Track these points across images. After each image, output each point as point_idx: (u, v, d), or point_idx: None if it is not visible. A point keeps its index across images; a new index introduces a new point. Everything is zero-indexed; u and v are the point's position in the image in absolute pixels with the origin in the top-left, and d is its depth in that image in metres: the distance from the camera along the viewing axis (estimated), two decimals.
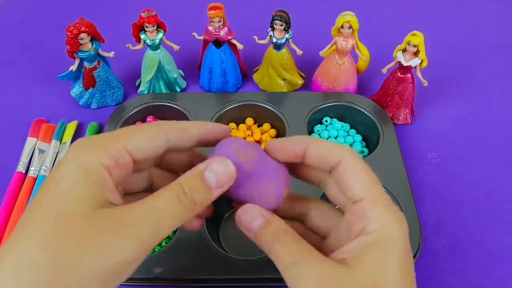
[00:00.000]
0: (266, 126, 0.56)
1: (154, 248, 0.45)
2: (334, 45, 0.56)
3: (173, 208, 0.22)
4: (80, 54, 0.54)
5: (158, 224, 0.22)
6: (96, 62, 0.56)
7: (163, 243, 0.45)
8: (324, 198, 0.30)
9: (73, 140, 0.55)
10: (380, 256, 0.22)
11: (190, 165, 0.25)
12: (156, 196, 0.22)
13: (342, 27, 0.53)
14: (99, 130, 0.57)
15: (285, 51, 0.58)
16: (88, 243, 0.20)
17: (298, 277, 0.22)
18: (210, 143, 0.27)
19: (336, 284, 0.21)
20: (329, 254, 0.24)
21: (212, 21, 0.55)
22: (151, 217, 0.21)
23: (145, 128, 0.25)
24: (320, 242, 0.27)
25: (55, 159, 0.53)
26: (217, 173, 0.23)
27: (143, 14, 0.54)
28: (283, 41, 0.56)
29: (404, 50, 0.53)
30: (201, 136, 0.26)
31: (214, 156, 0.25)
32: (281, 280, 0.23)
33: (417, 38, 0.51)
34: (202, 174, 0.23)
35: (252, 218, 0.24)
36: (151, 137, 0.24)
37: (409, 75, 0.54)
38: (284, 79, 0.61)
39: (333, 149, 0.25)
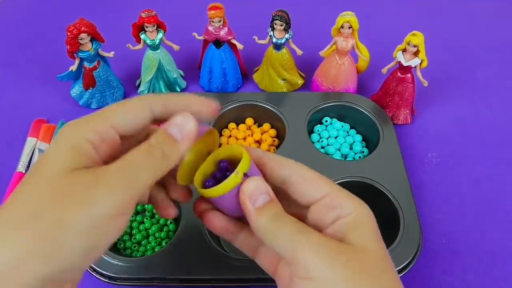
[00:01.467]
0: (266, 126, 0.56)
1: (154, 248, 0.45)
2: (334, 45, 0.56)
3: (145, 159, 0.23)
4: (80, 54, 0.54)
5: (133, 174, 0.23)
6: (96, 62, 0.56)
7: (163, 243, 0.45)
8: None
9: None
10: (364, 231, 0.25)
11: None
12: (128, 153, 0.24)
13: (342, 27, 0.53)
14: None
15: (285, 51, 0.58)
16: (66, 200, 0.21)
17: (298, 249, 0.23)
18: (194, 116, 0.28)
19: (337, 253, 0.23)
20: None
21: (212, 21, 0.55)
22: (125, 169, 0.23)
23: (128, 102, 0.26)
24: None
25: None
26: (179, 125, 0.25)
27: (143, 14, 0.54)
28: (283, 41, 0.56)
29: (404, 50, 0.53)
30: (185, 108, 0.27)
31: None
32: None
33: (417, 38, 0.51)
34: (167, 129, 0.25)
35: (260, 192, 0.25)
36: (135, 110, 0.25)
37: (409, 75, 0.54)
38: (284, 79, 0.61)
39: (283, 163, 0.28)
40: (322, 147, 0.54)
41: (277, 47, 0.57)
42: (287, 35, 0.55)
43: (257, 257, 0.29)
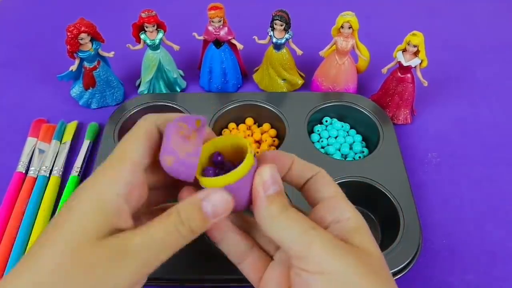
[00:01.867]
0: (266, 126, 0.56)
1: None
2: (334, 45, 0.56)
3: (170, 237, 0.24)
4: (80, 54, 0.54)
5: (154, 254, 0.23)
6: (96, 62, 0.56)
7: None
8: None
9: (73, 140, 0.55)
10: (365, 235, 0.26)
11: None
12: (156, 225, 0.24)
13: (342, 27, 0.53)
14: (99, 130, 0.57)
15: (285, 51, 0.58)
16: (89, 272, 0.22)
17: (312, 244, 0.24)
18: None
19: (348, 251, 0.24)
20: None
21: (212, 21, 0.55)
22: (149, 247, 0.23)
23: (137, 130, 0.26)
24: None
25: (55, 159, 0.53)
26: (214, 204, 0.24)
27: (143, 14, 0.54)
28: (283, 41, 0.56)
29: (404, 50, 0.53)
30: None
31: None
32: None
33: (417, 38, 0.51)
34: (200, 204, 0.24)
35: (274, 181, 0.26)
36: (148, 134, 0.26)
37: (409, 75, 0.54)
38: (284, 79, 0.61)
39: (311, 165, 0.29)
40: (322, 147, 0.54)
41: (277, 47, 0.57)
42: (287, 35, 0.55)
43: (244, 262, 0.29)
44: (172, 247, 0.24)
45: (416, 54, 0.52)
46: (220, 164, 0.27)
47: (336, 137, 0.55)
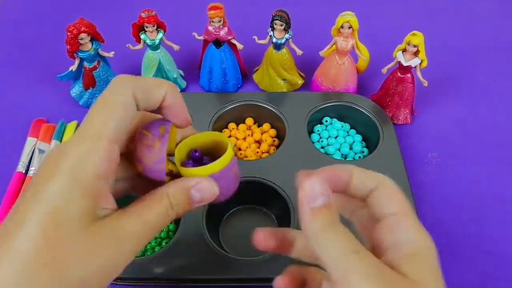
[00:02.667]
0: (266, 126, 0.56)
1: (154, 248, 0.45)
2: (334, 45, 0.56)
3: (162, 221, 0.24)
4: (80, 54, 0.54)
5: (148, 237, 0.24)
6: (96, 62, 0.56)
7: (163, 243, 0.45)
8: None
9: None
10: (423, 264, 0.23)
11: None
12: (148, 210, 0.24)
13: (342, 27, 0.53)
14: None
15: (285, 51, 0.58)
16: (86, 263, 0.21)
17: (350, 271, 0.21)
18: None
19: (390, 283, 0.21)
20: None
21: (212, 21, 0.55)
22: (145, 231, 0.23)
23: (110, 103, 0.24)
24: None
25: None
26: (203, 193, 0.25)
27: (143, 14, 0.54)
28: (283, 41, 0.56)
29: (404, 50, 0.53)
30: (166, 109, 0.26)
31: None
32: None
33: (417, 38, 0.51)
34: (190, 191, 0.25)
35: (320, 192, 0.24)
36: (126, 117, 0.24)
37: (409, 75, 0.54)
38: (284, 79, 0.61)
39: (373, 174, 0.26)
40: (322, 147, 0.54)
41: (277, 47, 0.57)
42: (287, 35, 0.55)
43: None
44: (161, 229, 0.24)
45: (416, 54, 0.52)
46: (198, 159, 0.28)
47: (336, 137, 0.55)
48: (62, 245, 0.21)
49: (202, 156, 0.28)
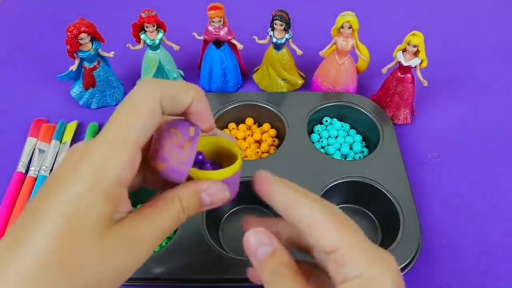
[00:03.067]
0: (266, 126, 0.56)
1: None
2: (334, 45, 0.56)
3: (174, 224, 0.25)
4: (80, 54, 0.54)
5: (161, 239, 0.24)
6: (96, 62, 0.56)
7: (163, 243, 0.45)
8: None
9: (73, 140, 0.55)
10: None
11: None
12: (161, 213, 0.24)
13: (342, 27, 0.53)
14: (99, 130, 0.57)
15: (285, 51, 0.58)
16: (103, 265, 0.21)
17: None
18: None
19: None
20: None
21: (212, 21, 0.55)
22: (157, 236, 0.24)
23: (137, 109, 0.23)
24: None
25: (55, 159, 0.53)
26: (213, 197, 0.26)
27: (143, 14, 0.54)
28: (283, 41, 0.56)
29: (404, 50, 0.53)
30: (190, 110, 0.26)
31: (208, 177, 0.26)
32: None
33: (417, 38, 0.51)
34: (201, 195, 0.25)
35: (260, 244, 0.25)
36: (149, 118, 0.23)
37: (409, 75, 0.54)
38: (284, 79, 0.61)
39: (297, 202, 0.25)
40: (322, 147, 0.54)
41: (277, 47, 0.57)
42: (287, 35, 0.55)
43: None
44: (172, 230, 0.25)
45: (416, 54, 0.52)
46: (200, 162, 0.28)
47: (336, 137, 0.55)
48: (79, 248, 0.21)
49: (204, 159, 0.28)
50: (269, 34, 0.56)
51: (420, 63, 0.53)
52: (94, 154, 0.22)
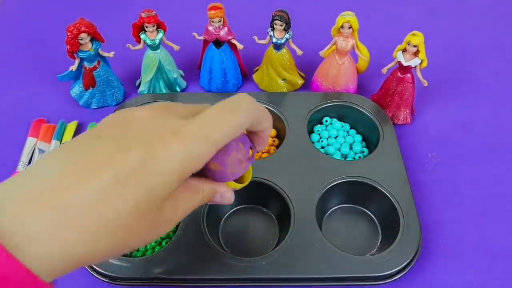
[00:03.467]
0: None
1: (154, 248, 0.45)
2: (334, 45, 0.56)
3: (191, 210, 0.29)
4: (80, 54, 0.54)
5: (180, 220, 0.29)
6: (96, 62, 0.56)
7: (163, 243, 0.45)
8: None
9: None
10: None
11: None
12: (189, 201, 0.28)
13: (342, 27, 0.53)
14: None
15: (285, 51, 0.58)
16: (151, 228, 0.26)
17: None
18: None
19: None
20: None
21: (212, 21, 0.55)
22: (180, 218, 0.28)
23: (235, 121, 0.27)
24: None
25: None
26: (223, 199, 0.31)
27: (143, 14, 0.54)
28: (283, 41, 0.56)
29: (404, 50, 0.53)
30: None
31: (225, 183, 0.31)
32: (280, 280, 0.23)
33: (417, 38, 0.51)
34: (216, 194, 0.30)
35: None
36: (238, 131, 0.28)
37: (409, 75, 0.54)
38: (284, 79, 0.61)
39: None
40: (322, 147, 0.54)
41: (277, 47, 0.57)
42: (287, 35, 0.55)
43: None
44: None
45: (416, 54, 0.52)
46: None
47: (336, 137, 0.55)
48: (142, 216, 0.24)
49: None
50: (269, 34, 0.56)
51: (420, 63, 0.53)
52: (187, 138, 0.25)
